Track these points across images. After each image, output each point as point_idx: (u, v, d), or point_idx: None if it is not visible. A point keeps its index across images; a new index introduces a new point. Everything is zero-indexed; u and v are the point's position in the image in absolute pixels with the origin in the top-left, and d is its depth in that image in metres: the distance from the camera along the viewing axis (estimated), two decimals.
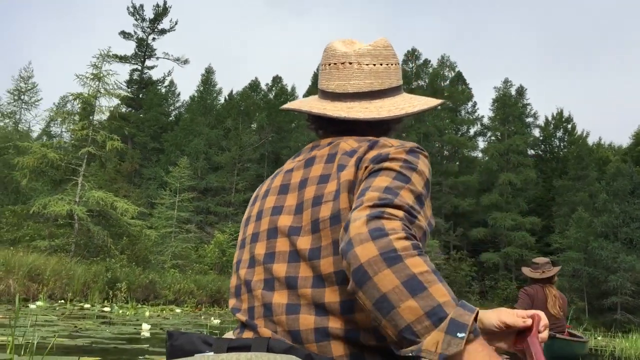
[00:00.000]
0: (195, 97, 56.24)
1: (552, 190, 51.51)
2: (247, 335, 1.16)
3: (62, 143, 25.52)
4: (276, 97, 56.65)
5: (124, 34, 55.73)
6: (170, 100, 59.61)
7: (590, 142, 58.09)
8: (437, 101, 1.41)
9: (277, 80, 60.24)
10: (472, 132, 58.48)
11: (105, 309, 12.42)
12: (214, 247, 31.99)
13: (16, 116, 40.74)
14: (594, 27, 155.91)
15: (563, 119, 58.04)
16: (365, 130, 1.31)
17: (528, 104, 56.83)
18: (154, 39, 56.56)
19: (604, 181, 44.58)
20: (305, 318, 1.10)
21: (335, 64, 1.36)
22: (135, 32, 55.93)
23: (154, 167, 47.65)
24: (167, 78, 58.88)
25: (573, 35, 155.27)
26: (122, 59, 54.65)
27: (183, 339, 1.16)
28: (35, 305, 11.42)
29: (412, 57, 59.84)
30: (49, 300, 14.92)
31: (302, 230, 1.17)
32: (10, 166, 26.05)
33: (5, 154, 29.96)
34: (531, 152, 57.15)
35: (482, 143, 57.85)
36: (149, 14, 56.68)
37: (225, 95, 58.49)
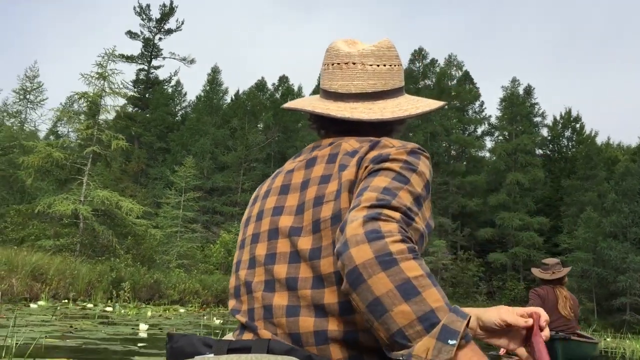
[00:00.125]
0: (201, 96, 56.31)
1: (560, 190, 51.30)
2: (247, 337, 1.16)
3: (68, 142, 25.50)
4: (282, 97, 56.64)
5: (131, 34, 55.89)
6: (177, 100, 59.77)
7: (599, 141, 57.78)
8: (440, 103, 1.41)
9: (283, 80, 60.29)
10: (479, 131, 58.34)
11: (108, 308, 12.30)
12: (220, 246, 31.99)
13: (22, 115, 40.82)
14: (602, 26, 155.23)
15: (571, 119, 57.80)
16: (368, 131, 1.31)
17: (536, 103, 56.60)
18: (160, 38, 56.74)
19: (612, 181, 44.42)
20: (305, 320, 1.09)
21: (338, 64, 1.35)
22: (142, 32, 56.14)
23: (160, 166, 47.76)
24: (173, 78, 59.13)
25: (581, 34, 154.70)
26: (128, 58, 54.80)
27: (183, 341, 1.15)
28: (36, 304, 11.33)
29: (419, 56, 59.67)
30: (53, 299, 14.85)
31: (303, 230, 1.17)
32: (15, 165, 26.07)
33: (10, 153, 30.00)
34: (539, 151, 56.93)
35: (489, 143, 57.76)
36: (155, 13, 56.92)
37: (232, 95, 58.61)
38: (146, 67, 56.76)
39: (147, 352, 4.57)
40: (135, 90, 53.91)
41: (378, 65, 1.35)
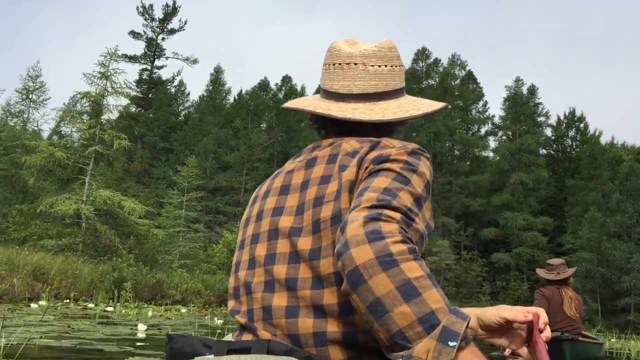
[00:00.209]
0: (204, 96, 56.31)
1: (564, 190, 51.17)
2: (246, 338, 1.15)
3: (70, 142, 25.47)
4: (286, 96, 56.59)
5: (134, 34, 55.89)
6: (180, 100, 59.80)
7: (603, 141, 57.60)
8: (441, 104, 1.41)
9: (286, 80, 60.25)
10: (483, 131, 58.23)
11: (109, 308, 12.24)
12: (223, 246, 31.96)
13: (24, 115, 40.81)
14: (606, 25, 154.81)
15: (575, 118, 57.67)
16: (369, 132, 1.31)
17: (540, 103, 56.37)
18: (163, 38, 56.76)
19: (617, 181, 44.32)
20: (304, 321, 1.09)
21: (340, 64, 1.35)
22: (145, 32, 56.15)
23: (163, 166, 47.78)
24: (176, 78, 59.17)
25: (585, 33, 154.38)
26: (131, 58, 54.83)
27: (183, 342, 1.15)
28: (37, 304, 11.27)
29: (422, 56, 59.57)
30: (54, 299, 14.80)
31: (302, 230, 1.17)
32: (18, 165, 26.07)
33: (12, 152, 29.98)
34: (543, 151, 56.78)
35: (493, 142, 57.62)
36: (158, 13, 56.92)
37: (235, 95, 58.60)
38: (149, 67, 56.80)
39: (142, 352, 4.49)
40: (138, 90, 53.93)
41: (380, 66, 1.34)
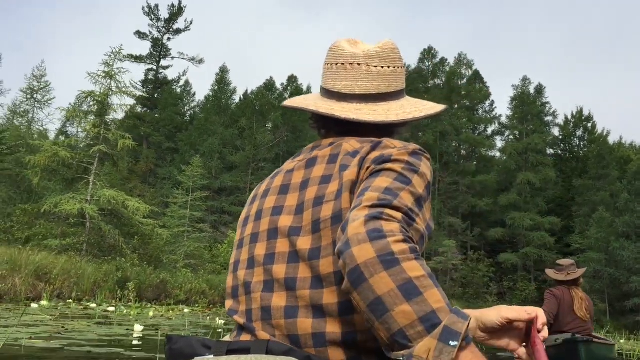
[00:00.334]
0: (210, 96, 56.28)
1: (572, 190, 50.89)
2: (244, 338, 1.15)
3: (75, 142, 25.42)
4: (291, 96, 56.39)
5: (140, 34, 55.92)
6: (186, 100, 59.81)
7: (611, 141, 57.22)
8: (441, 107, 1.42)
9: (292, 79, 60.15)
10: (489, 131, 57.99)
11: (110, 308, 12.11)
12: (228, 246, 31.87)
13: (29, 115, 40.83)
14: (614, 25, 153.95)
15: (583, 118, 57.38)
16: (371, 132, 1.30)
17: (547, 102, 56.09)
18: (169, 38, 56.76)
19: (625, 180, 44.04)
20: (303, 322, 1.09)
21: (342, 64, 1.35)
22: (151, 32, 56.18)
23: (168, 166, 47.78)
24: (182, 78, 59.18)
25: (593, 32, 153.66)
26: (137, 58, 54.86)
27: (182, 343, 1.14)
28: (37, 305, 11.15)
29: (428, 55, 59.39)
30: (57, 299, 14.71)
31: (302, 230, 1.16)
32: (22, 165, 26.04)
33: (17, 152, 29.97)
34: (550, 151, 56.50)
35: (500, 142, 57.37)
36: (164, 13, 56.89)
37: (240, 95, 58.54)
38: (155, 67, 56.82)
39: (132, 355, 4.33)
40: (144, 90, 53.96)
41: (382, 67, 1.34)
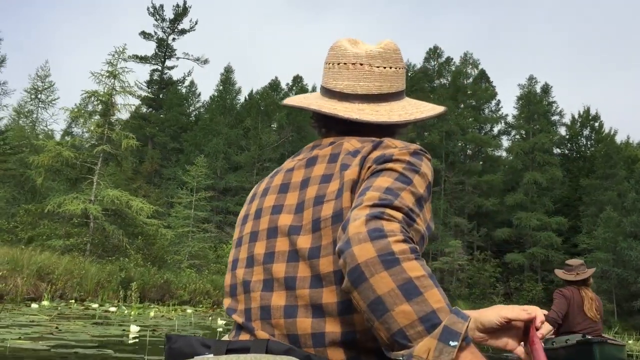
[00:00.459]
0: (214, 96, 56.25)
1: (579, 190, 50.59)
2: (243, 338, 1.15)
3: (79, 142, 25.35)
4: None
5: (145, 35, 55.98)
6: (191, 101, 59.82)
7: (618, 140, 56.73)
8: (441, 108, 1.43)
9: (297, 80, 59.98)
10: (495, 130, 57.74)
11: (112, 309, 11.99)
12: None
13: (33, 115, 40.88)
14: (620, 23, 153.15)
15: (590, 117, 57.04)
16: (372, 132, 1.30)
17: (554, 101, 55.84)
18: (174, 39, 56.81)
19: (633, 180, 43.72)
20: (303, 321, 1.09)
21: (345, 63, 1.35)
22: (156, 33, 56.23)
23: (173, 167, 47.77)
24: (187, 78, 59.20)
25: (600, 31, 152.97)
26: (142, 59, 54.90)
27: (182, 342, 1.14)
28: (37, 305, 11.04)
29: (434, 55, 59.20)
30: (59, 300, 14.62)
31: (302, 229, 1.16)
32: (26, 165, 26.01)
33: (20, 152, 29.95)
34: (557, 150, 56.22)
35: (506, 142, 57.11)
36: (169, 14, 57.04)
37: (245, 95, 58.50)
38: (160, 68, 56.86)
39: (122, 356, 4.18)
40: (149, 90, 53.97)
41: (384, 67, 1.34)
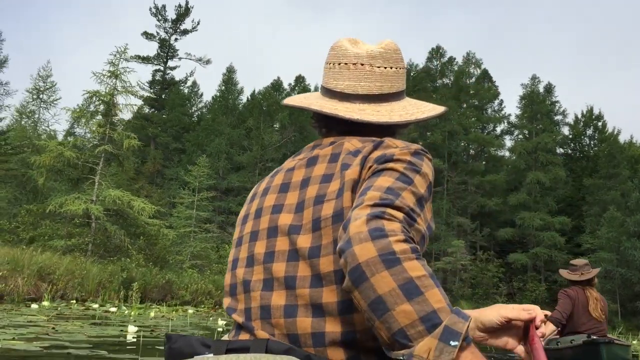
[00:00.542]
0: (217, 96, 56.19)
1: (582, 190, 50.41)
2: (243, 337, 1.14)
3: (81, 142, 25.30)
4: None
5: (147, 35, 55.95)
6: (193, 101, 59.77)
7: (622, 140, 56.53)
8: (442, 109, 1.43)
9: (299, 80, 59.89)
10: (498, 130, 57.58)
11: (112, 309, 11.92)
12: None
13: (35, 115, 40.88)
14: (623, 23, 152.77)
15: (593, 117, 56.87)
16: (373, 132, 1.30)
17: (557, 101, 55.62)
18: (176, 39, 56.77)
19: (636, 179, 43.54)
20: (303, 321, 1.09)
21: (345, 64, 1.35)
22: (158, 33, 56.21)
23: (175, 167, 47.75)
24: (189, 78, 59.17)
25: (603, 30, 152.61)
26: (144, 59, 54.88)
27: (182, 342, 1.14)
28: (38, 305, 10.98)
29: (436, 54, 59.05)
30: (60, 300, 14.56)
31: (302, 228, 1.16)
32: (28, 165, 25.99)
33: (22, 152, 29.93)
34: (560, 150, 56.03)
35: (509, 141, 56.93)
36: (171, 14, 56.93)
37: (247, 95, 58.42)
38: (162, 68, 56.84)
39: (116, 357, 4.10)
40: (152, 91, 53.94)
41: (385, 68, 1.34)
